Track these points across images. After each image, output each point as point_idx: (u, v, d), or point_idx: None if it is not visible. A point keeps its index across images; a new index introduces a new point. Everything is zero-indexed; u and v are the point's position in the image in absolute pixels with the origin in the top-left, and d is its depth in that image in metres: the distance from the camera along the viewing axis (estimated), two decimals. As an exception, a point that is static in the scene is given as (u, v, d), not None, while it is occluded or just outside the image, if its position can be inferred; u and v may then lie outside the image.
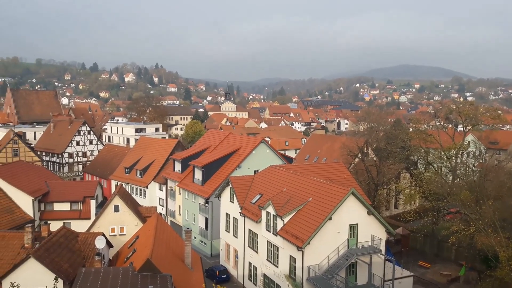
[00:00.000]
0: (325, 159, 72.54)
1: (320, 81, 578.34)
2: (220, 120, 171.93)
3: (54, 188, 49.89)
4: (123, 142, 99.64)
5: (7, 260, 29.01)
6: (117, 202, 39.27)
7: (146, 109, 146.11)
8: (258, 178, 41.89)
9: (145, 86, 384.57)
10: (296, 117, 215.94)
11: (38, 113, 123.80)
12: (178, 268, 29.00)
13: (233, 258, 42.88)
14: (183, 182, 54.33)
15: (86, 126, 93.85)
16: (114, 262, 32.19)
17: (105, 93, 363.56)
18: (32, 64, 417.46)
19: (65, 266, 26.09)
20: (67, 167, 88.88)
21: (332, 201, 32.10)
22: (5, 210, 42.37)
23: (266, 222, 35.55)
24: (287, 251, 33.09)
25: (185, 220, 54.65)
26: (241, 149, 52.49)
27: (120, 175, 67.42)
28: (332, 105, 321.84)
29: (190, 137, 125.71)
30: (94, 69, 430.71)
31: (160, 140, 76.76)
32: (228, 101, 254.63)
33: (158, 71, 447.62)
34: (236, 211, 41.09)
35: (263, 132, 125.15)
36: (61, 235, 29.59)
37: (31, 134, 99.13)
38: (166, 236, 33.09)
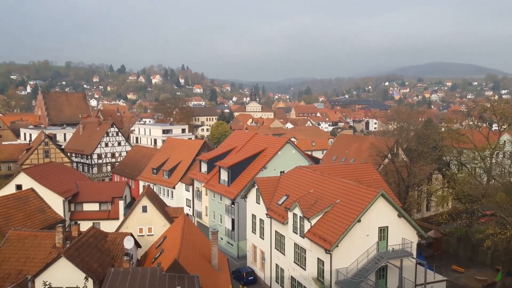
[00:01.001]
0: (353, 160, 71.58)
1: (347, 80, 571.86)
2: (246, 121, 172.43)
3: (84, 189, 51.27)
4: (150, 143, 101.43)
5: (39, 259, 30.04)
6: (145, 202, 40.02)
7: (172, 110, 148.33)
8: (284, 179, 41.76)
9: (172, 88, 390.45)
10: (322, 117, 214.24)
11: (67, 115, 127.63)
12: (205, 269, 29.25)
13: (260, 260, 42.90)
14: (209, 183, 54.79)
15: (114, 128, 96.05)
16: (142, 262, 32.78)
17: (133, 95, 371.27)
18: (62, 67, 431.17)
19: (94, 266, 26.75)
20: (96, 168, 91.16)
21: (361, 203, 31.65)
22: (38, 210, 43.85)
23: (293, 224, 35.39)
24: (314, 253, 32.84)
25: (212, 221, 55.08)
26: (266, 150, 52.49)
27: (148, 175, 68.64)
28: (360, 104, 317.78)
29: (216, 138, 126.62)
30: (121, 71, 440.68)
31: (186, 141, 77.70)
32: (254, 101, 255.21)
33: (184, 73, 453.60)
34: (262, 213, 41.10)
35: (289, 132, 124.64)
36: (91, 235, 30.35)
37: (61, 136, 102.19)
38: (193, 237, 33.45)
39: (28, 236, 32.22)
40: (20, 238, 31.98)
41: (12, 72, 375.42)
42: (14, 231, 32.90)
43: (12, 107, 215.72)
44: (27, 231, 33.26)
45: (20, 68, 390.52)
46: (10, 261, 30.35)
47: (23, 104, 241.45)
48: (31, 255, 30.65)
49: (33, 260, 30.16)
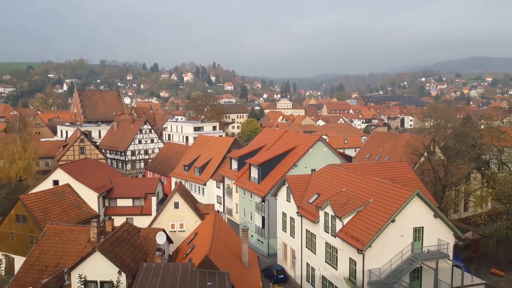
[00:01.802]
0: (387, 158, 70.24)
1: (382, 76, 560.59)
2: (276, 118, 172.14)
3: (118, 185, 52.70)
4: (182, 140, 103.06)
5: (75, 253, 31.17)
6: (177, 199, 40.73)
7: (204, 107, 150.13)
8: (316, 178, 41.46)
9: (203, 85, 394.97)
10: (355, 114, 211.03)
11: (102, 113, 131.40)
12: (236, 266, 29.47)
13: (291, 258, 42.83)
14: (239, 180, 55.11)
15: (147, 125, 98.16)
16: (174, 257, 33.38)
17: (165, 93, 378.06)
18: (96, 65, 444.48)
19: (127, 260, 27.44)
20: (129, 165, 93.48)
21: (395, 203, 31.02)
22: (73, 205, 45.46)
23: (324, 223, 35.10)
24: (346, 253, 32.47)
25: (242, 218, 55.41)
26: (297, 148, 52.24)
27: (180, 172, 69.77)
28: (395, 100, 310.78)
29: (246, 135, 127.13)
30: (154, 69, 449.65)
31: (217, 138, 78.43)
32: (284, 98, 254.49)
33: (215, 70, 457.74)
34: (293, 211, 40.98)
35: (320, 130, 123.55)
36: (124, 230, 31.14)
37: (96, 133, 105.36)
38: (224, 234, 33.76)
39: (65, 230, 33.47)
40: (57, 232, 33.28)
41: (49, 71, 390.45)
42: (52, 225, 34.26)
43: (49, 105, 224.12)
44: (63, 226, 34.57)
45: (57, 67, 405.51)
46: (48, 254, 31.64)
47: (60, 102, 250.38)
48: (67, 248, 31.83)
49: (69, 254, 31.31)
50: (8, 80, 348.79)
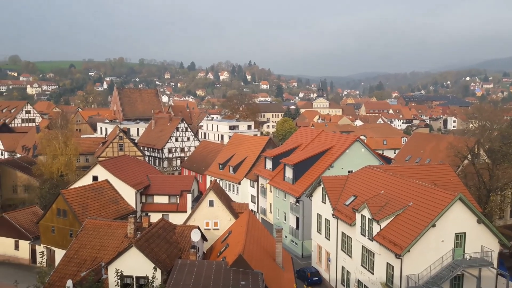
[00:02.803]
0: (428, 161, 68.28)
1: (424, 75, 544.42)
2: (312, 118, 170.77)
3: (155, 182, 53.97)
4: (217, 139, 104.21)
5: (112, 248, 32.15)
6: (211, 197, 41.23)
7: (239, 106, 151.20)
8: (352, 179, 40.85)
9: (239, 84, 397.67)
10: (396, 114, 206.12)
11: (141, 110, 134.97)
12: (269, 266, 29.51)
13: (325, 260, 42.44)
14: (274, 180, 55.11)
15: (184, 123, 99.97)
16: (208, 255, 33.82)
17: (201, 91, 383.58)
18: (135, 64, 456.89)
19: (163, 257, 28.05)
20: (166, 162, 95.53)
21: (436, 207, 30.12)
22: (112, 201, 46.93)
23: (361, 226, 34.56)
24: (383, 257, 31.83)
25: (276, 218, 55.40)
26: (333, 148, 51.65)
27: (215, 170, 70.62)
28: (437, 100, 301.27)
29: (281, 135, 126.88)
30: (191, 68, 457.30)
31: (252, 137, 78.77)
32: (321, 97, 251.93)
33: (251, 69, 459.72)
34: (328, 212, 40.57)
35: (358, 130, 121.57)
36: (160, 227, 31.84)
37: (135, 130, 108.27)
38: (258, 233, 33.87)
39: (103, 225, 34.60)
40: (96, 226, 34.46)
41: (90, 69, 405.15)
42: (90, 220, 35.52)
43: (90, 103, 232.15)
44: (101, 221, 35.75)
45: (97, 65, 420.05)
46: (86, 248, 32.82)
47: (100, 100, 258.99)
48: (105, 243, 32.87)
49: (106, 248, 32.33)
50: (51, 78, 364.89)
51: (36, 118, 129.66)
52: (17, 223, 48.40)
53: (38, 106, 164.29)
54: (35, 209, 52.90)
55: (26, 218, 49.96)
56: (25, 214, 50.81)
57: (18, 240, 48.18)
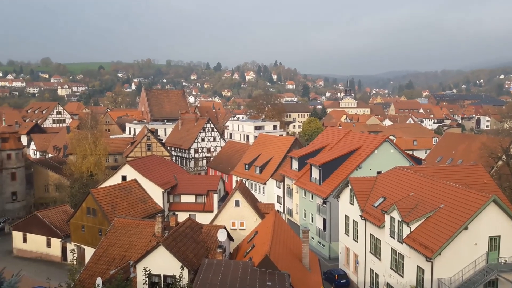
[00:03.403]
0: (460, 161, 66.53)
1: (455, 73, 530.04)
2: (339, 117, 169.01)
3: (182, 181, 54.70)
4: (243, 139, 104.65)
5: (140, 246, 32.78)
6: (237, 197, 41.47)
7: (265, 106, 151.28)
8: (381, 180, 40.25)
9: (264, 84, 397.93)
10: (426, 114, 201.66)
11: (168, 111, 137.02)
12: (296, 268, 29.43)
13: (353, 263, 41.97)
14: (300, 180, 54.90)
15: (210, 124, 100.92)
16: (234, 255, 34.02)
17: (227, 92, 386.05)
18: (163, 65, 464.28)
19: (190, 256, 28.40)
20: (193, 162, 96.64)
21: (468, 209, 29.33)
22: (140, 200, 47.87)
23: (390, 228, 34.00)
24: (414, 260, 31.22)
25: (303, 219, 55.16)
26: (362, 148, 51.01)
27: (240, 171, 70.94)
28: (470, 99, 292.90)
29: (308, 135, 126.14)
30: (217, 68, 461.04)
31: (278, 138, 78.72)
32: (348, 96, 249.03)
33: (277, 68, 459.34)
34: (356, 214, 40.11)
35: (387, 130, 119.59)
36: (187, 226, 32.24)
37: (162, 131, 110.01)
38: (284, 234, 33.84)
39: (131, 224, 35.34)
40: (124, 225, 35.21)
41: (119, 71, 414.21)
42: (119, 219, 36.33)
43: (118, 104, 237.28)
44: (130, 219, 36.51)
45: (126, 67, 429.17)
46: (115, 246, 33.58)
47: (128, 101, 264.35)
48: (133, 242, 33.56)
49: (135, 247, 32.99)
50: (81, 79, 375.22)
51: (66, 118, 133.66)
52: (48, 221, 50.05)
53: (69, 107, 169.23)
54: (66, 207, 54.52)
55: (57, 216, 51.60)
56: (56, 212, 52.48)
57: (50, 238, 49.83)
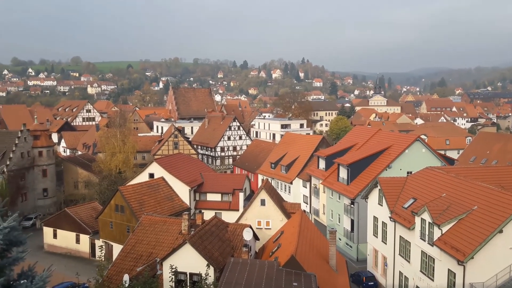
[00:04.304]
0: (495, 162, 64.51)
1: (490, 70, 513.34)
2: (368, 116, 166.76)
3: (208, 180, 55.23)
4: (269, 138, 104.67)
5: (167, 244, 33.30)
6: (263, 196, 41.54)
7: (291, 105, 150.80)
8: (412, 181, 39.49)
9: (291, 82, 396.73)
10: (459, 112, 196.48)
11: (195, 109, 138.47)
12: (322, 269, 29.26)
13: (382, 265, 41.37)
14: (327, 180, 54.48)
15: (236, 122, 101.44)
16: (260, 255, 34.11)
17: (254, 90, 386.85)
18: (190, 63, 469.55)
19: (216, 254, 28.65)
20: (219, 160, 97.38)
21: (503, 211, 28.39)
22: (167, 198, 48.59)
23: (421, 230, 33.33)
24: (445, 264, 30.49)
25: (330, 220, 54.74)
26: (391, 148, 50.17)
27: (266, 169, 70.99)
28: (506, 97, 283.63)
29: (335, 134, 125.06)
30: (244, 66, 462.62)
31: (304, 136, 78.35)
32: (378, 94, 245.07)
33: (304, 66, 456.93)
34: (385, 215, 39.50)
35: (418, 129, 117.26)
36: (213, 224, 32.52)
37: (189, 129, 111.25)
38: (310, 235, 33.69)
39: (158, 221, 35.92)
40: (151, 223, 35.84)
41: (147, 69, 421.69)
42: (147, 216, 37.00)
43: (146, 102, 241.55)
44: (157, 217, 37.13)
45: (153, 65, 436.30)
46: (142, 243, 34.22)
47: (156, 99, 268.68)
48: (160, 239, 34.11)
49: (161, 244, 33.53)
50: (110, 78, 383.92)
51: (96, 117, 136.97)
52: (78, 218, 51.46)
53: (98, 105, 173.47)
54: (95, 204, 55.91)
55: (86, 213, 52.98)
56: (85, 209, 53.90)
57: (79, 234, 51.22)
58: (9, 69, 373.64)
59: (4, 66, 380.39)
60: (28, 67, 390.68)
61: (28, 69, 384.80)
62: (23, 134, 65.10)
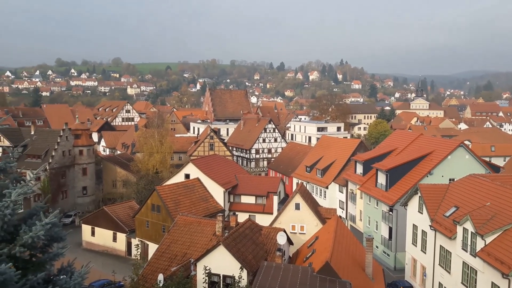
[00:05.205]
0: (546, 170, 61.31)
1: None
2: (409, 120, 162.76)
3: (242, 182, 55.47)
4: (305, 141, 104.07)
5: (201, 245, 33.71)
6: (298, 200, 41.29)
7: (328, 107, 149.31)
8: (454, 188, 38.19)
9: (329, 84, 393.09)
10: (506, 117, 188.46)
11: (230, 111, 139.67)
12: (358, 277, 28.77)
13: (421, 275, 40.21)
14: (364, 185, 53.53)
15: (271, 124, 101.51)
16: (294, 260, 33.92)
17: (290, 92, 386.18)
18: (227, 65, 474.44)
19: (249, 257, 28.72)
20: (253, 162, 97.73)
21: (554, 224, 26.96)
22: (202, 199, 49.21)
23: (462, 240, 32.16)
24: (488, 276, 29.26)
25: (367, 226, 53.75)
26: (433, 153, 48.73)
27: (301, 173, 70.57)
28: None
29: (374, 138, 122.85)
30: (280, 68, 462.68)
31: (341, 140, 77.36)
32: (420, 97, 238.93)
33: (343, 68, 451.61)
34: (425, 224, 38.38)
35: (462, 134, 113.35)
36: (247, 227, 32.64)
37: (224, 130, 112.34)
38: (346, 241, 33.20)
39: (193, 222, 36.43)
40: (186, 223, 36.40)
41: (185, 71, 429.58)
42: (182, 216, 37.60)
43: (184, 103, 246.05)
44: (192, 217, 37.67)
45: (191, 67, 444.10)
46: (177, 243, 34.79)
47: (193, 100, 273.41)
48: (195, 240, 34.57)
49: (196, 245, 33.97)
50: (149, 79, 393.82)
51: (135, 117, 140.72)
52: (115, 216, 52.88)
53: (137, 106, 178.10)
54: (132, 203, 57.29)
55: (124, 212, 54.37)
56: (122, 208, 55.31)
57: (116, 232, 52.63)
58: (53, 70, 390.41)
59: (49, 66, 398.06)
60: (71, 67, 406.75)
61: (71, 69, 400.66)
62: (65, 133, 67.67)
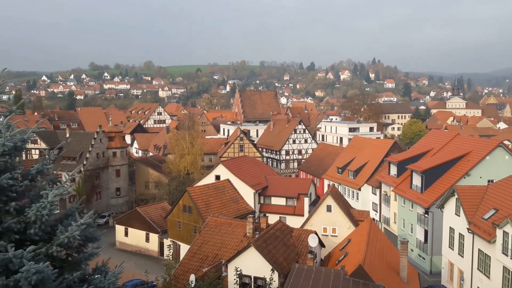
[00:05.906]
0: None
1: None
2: (445, 119, 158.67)
3: (272, 183, 55.49)
4: (336, 142, 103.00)
5: (232, 246, 33.88)
6: (329, 202, 40.91)
7: (360, 107, 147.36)
8: (493, 190, 36.90)
9: (361, 83, 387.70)
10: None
11: (260, 112, 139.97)
12: (392, 280, 28.19)
13: (458, 280, 39.04)
14: (399, 187, 52.49)
15: (301, 125, 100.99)
16: (326, 262, 33.59)
17: (320, 92, 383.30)
18: (256, 66, 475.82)
19: (280, 259, 28.65)
20: (283, 164, 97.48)
21: None
22: (232, 200, 49.50)
23: (502, 244, 31.02)
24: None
25: (401, 229, 52.67)
26: (471, 154, 47.27)
27: (333, 174, 69.87)
28: None
29: (408, 138, 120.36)
30: (311, 68, 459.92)
31: (374, 140, 76.14)
32: (456, 96, 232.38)
33: (375, 67, 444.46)
34: (462, 226, 37.25)
35: (501, 134, 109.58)
36: (278, 229, 32.56)
37: (254, 132, 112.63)
38: (380, 244, 32.62)
39: (224, 223, 36.68)
40: (217, 224, 36.68)
41: (215, 73, 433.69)
42: (213, 217, 37.92)
43: (214, 105, 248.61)
44: (222, 219, 37.93)
45: (221, 69, 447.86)
46: (208, 244, 35.12)
47: (223, 102, 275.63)
48: (226, 241, 34.79)
49: (226, 246, 34.19)
50: (180, 82, 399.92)
51: (166, 119, 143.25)
52: (148, 217, 53.91)
53: (168, 108, 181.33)
54: (164, 204, 58.24)
55: (156, 212, 55.35)
56: (155, 209, 56.33)
57: (148, 233, 53.65)
58: (87, 74, 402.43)
59: (83, 70, 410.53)
60: (104, 71, 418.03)
61: (104, 73, 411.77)
62: (99, 135, 69.55)
